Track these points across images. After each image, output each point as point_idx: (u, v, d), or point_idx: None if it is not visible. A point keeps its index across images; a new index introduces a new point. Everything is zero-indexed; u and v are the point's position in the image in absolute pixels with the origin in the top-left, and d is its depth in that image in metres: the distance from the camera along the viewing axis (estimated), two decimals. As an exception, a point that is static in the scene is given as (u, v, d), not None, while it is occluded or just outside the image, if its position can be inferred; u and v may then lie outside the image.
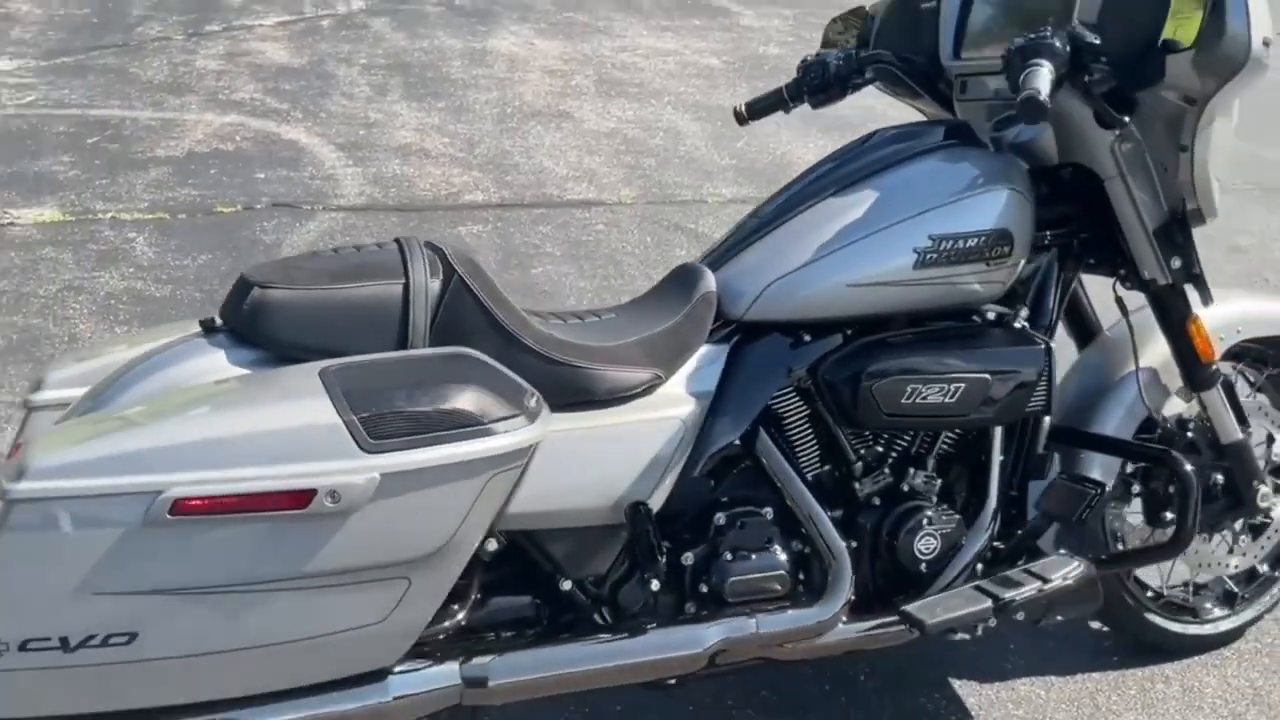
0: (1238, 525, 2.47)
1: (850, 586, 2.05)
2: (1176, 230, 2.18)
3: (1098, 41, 1.95)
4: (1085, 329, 2.48)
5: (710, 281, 2.05)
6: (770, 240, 2.08)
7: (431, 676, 1.84)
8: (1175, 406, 2.39)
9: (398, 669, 1.81)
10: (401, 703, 1.81)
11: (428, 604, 1.74)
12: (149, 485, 1.54)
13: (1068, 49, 1.93)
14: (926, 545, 2.10)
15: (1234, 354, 2.45)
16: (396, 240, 1.89)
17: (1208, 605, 2.56)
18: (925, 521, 2.10)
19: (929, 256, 2.02)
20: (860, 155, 2.16)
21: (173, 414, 1.63)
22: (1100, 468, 2.31)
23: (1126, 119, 2.04)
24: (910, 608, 2.06)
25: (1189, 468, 2.21)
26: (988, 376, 2.05)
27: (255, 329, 1.78)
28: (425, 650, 1.85)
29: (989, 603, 2.07)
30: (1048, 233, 2.22)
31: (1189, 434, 2.37)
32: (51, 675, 1.59)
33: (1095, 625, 2.60)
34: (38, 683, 1.59)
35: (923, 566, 2.11)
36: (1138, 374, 2.30)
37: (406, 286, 1.81)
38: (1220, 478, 2.39)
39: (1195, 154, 2.06)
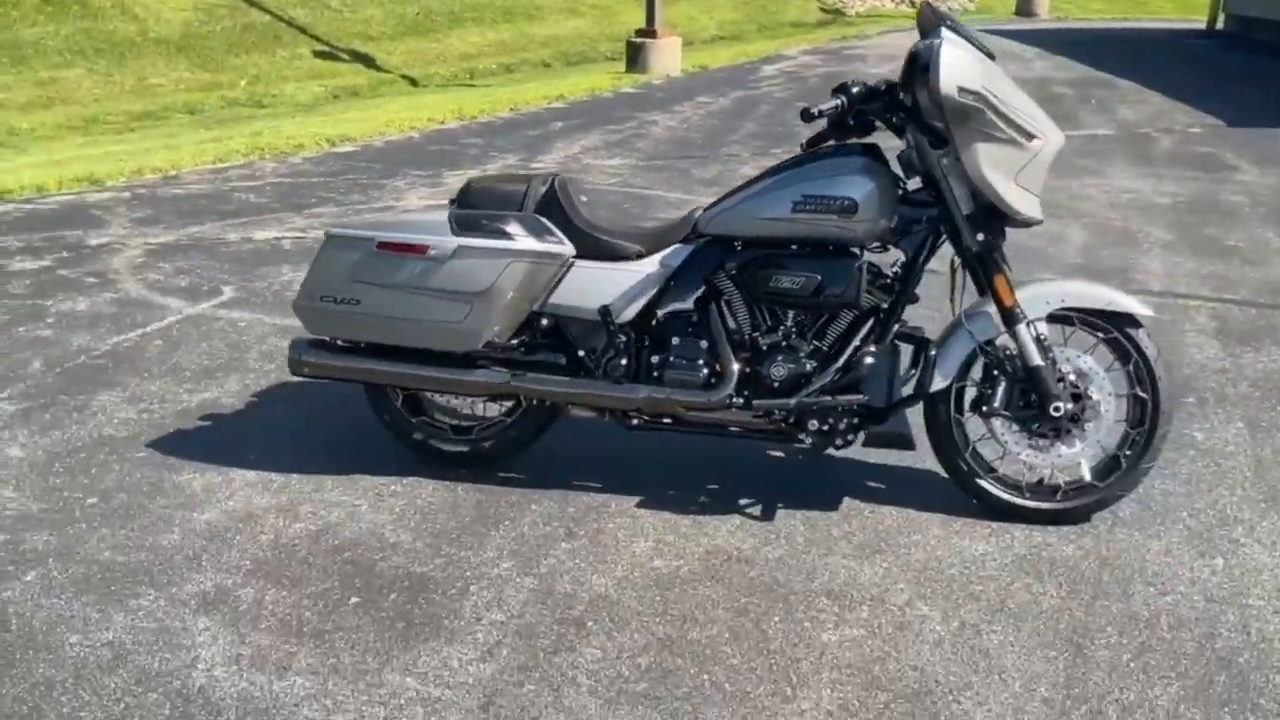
0: (1049, 430, 3.59)
1: (731, 387, 3.62)
2: (981, 217, 3.49)
3: (883, 89, 3.44)
4: (980, 290, 3.76)
5: (696, 212, 3.76)
6: (732, 194, 3.74)
7: (497, 372, 3.75)
8: (1007, 340, 3.61)
9: (485, 365, 3.75)
10: (478, 376, 3.75)
11: (484, 322, 3.65)
12: (372, 235, 3.68)
13: (862, 91, 3.44)
14: (777, 373, 3.61)
15: (1069, 319, 3.61)
16: (540, 173, 3.86)
17: (1036, 491, 3.68)
18: (781, 359, 3.61)
19: (800, 206, 3.56)
20: (807, 155, 3.73)
21: (395, 216, 3.77)
22: (947, 360, 3.62)
23: (945, 144, 3.45)
24: (756, 401, 3.61)
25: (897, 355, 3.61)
26: (819, 276, 3.55)
27: (462, 200, 3.85)
28: (498, 362, 3.77)
29: (794, 401, 3.56)
30: (924, 216, 3.62)
31: (1004, 356, 3.59)
32: (330, 314, 3.75)
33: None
34: (325, 317, 3.77)
35: (775, 384, 3.62)
36: (963, 314, 3.61)
37: (527, 187, 3.78)
38: (1033, 395, 3.57)
39: (966, 165, 3.40)
